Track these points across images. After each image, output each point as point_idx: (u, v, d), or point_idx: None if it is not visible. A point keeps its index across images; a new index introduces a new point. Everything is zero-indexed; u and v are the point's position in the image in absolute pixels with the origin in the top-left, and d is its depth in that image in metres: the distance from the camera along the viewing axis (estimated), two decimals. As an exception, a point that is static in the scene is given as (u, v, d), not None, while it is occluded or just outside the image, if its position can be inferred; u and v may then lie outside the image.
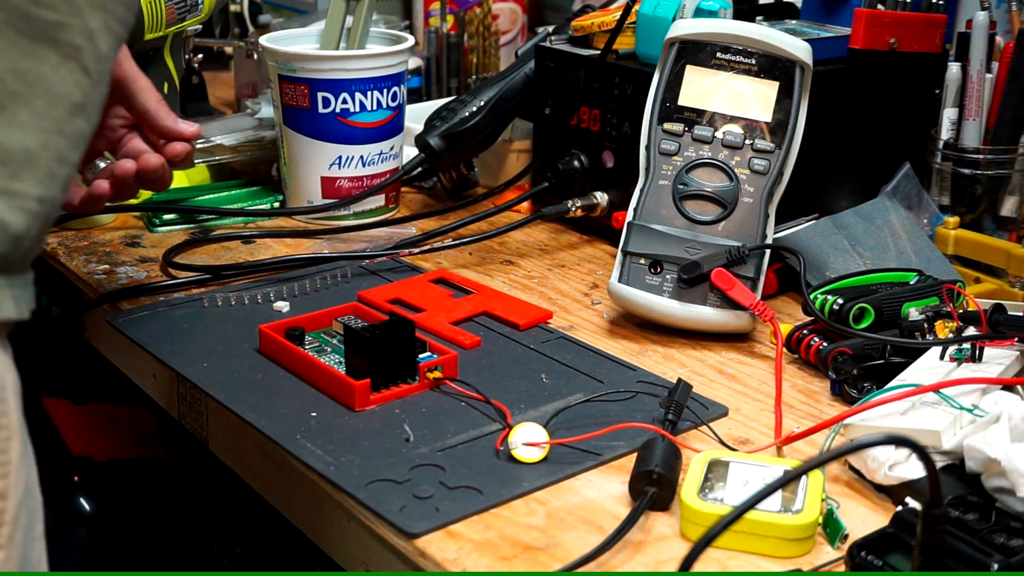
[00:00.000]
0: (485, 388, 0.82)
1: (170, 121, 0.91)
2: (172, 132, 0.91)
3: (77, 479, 1.26)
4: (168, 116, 0.91)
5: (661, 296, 0.93)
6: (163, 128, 0.91)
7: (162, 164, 0.90)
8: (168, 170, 0.91)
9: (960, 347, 0.80)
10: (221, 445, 0.87)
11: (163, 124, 0.91)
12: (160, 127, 0.91)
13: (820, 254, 0.99)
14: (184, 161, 0.92)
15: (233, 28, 1.67)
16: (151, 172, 0.90)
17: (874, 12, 1.09)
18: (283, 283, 1.01)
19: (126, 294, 0.99)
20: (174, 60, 1.21)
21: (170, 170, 0.91)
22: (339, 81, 1.13)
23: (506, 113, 1.21)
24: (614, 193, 1.12)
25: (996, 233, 1.07)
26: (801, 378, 0.88)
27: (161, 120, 0.91)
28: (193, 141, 0.92)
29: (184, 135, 0.91)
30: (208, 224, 1.16)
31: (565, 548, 0.67)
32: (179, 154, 0.91)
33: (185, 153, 0.92)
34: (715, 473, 0.71)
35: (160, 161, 0.90)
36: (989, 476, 0.68)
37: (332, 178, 1.17)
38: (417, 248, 1.09)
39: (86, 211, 0.93)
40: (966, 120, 1.07)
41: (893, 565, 0.62)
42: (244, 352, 0.89)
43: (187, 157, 0.92)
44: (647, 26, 1.06)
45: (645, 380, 0.86)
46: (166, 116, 0.91)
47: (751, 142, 0.96)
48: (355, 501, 0.71)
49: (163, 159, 0.91)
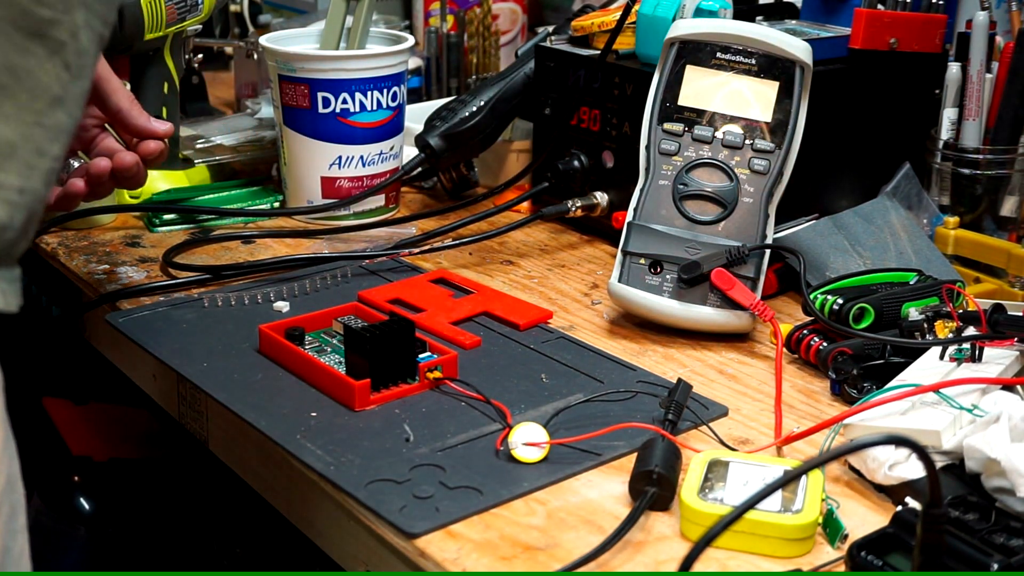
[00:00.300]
0: (485, 388, 0.82)
1: (143, 120, 0.92)
2: (145, 131, 0.93)
3: (77, 479, 1.26)
4: (141, 115, 0.92)
5: (661, 296, 0.93)
6: (136, 127, 0.92)
7: (137, 162, 0.92)
8: (143, 168, 0.93)
9: (960, 347, 0.80)
10: (221, 445, 0.87)
11: (136, 123, 0.92)
12: (133, 126, 0.92)
13: (820, 254, 0.99)
14: (158, 159, 0.94)
15: (233, 28, 1.67)
16: (126, 170, 0.91)
17: (874, 12, 1.09)
18: (283, 283, 1.01)
19: (126, 294, 0.99)
20: (174, 60, 1.21)
21: (144, 168, 0.93)
22: (339, 81, 1.13)
23: (506, 113, 1.21)
24: (614, 193, 1.12)
25: (996, 233, 1.07)
26: (801, 378, 0.88)
27: (134, 119, 0.92)
28: (166, 139, 0.93)
29: (157, 133, 0.93)
30: (208, 224, 1.16)
31: (565, 548, 0.67)
32: (152, 152, 0.93)
33: (158, 151, 0.93)
34: (715, 473, 0.71)
35: (135, 159, 0.91)
36: (989, 476, 0.68)
37: (332, 178, 1.17)
38: (417, 248, 1.09)
39: (61, 209, 0.94)
40: (966, 120, 1.07)
41: (893, 565, 0.62)
42: (244, 352, 0.89)
43: (160, 155, 0.93)
44: (647, 26, 1.06)
45: (645, 380, 0.86)
46: (139, 115, 0.92)
47: (751, 142, 0.96)
48: (355, 501, 0.71)
49: (137, 157, 0.92)
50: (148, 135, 0.93)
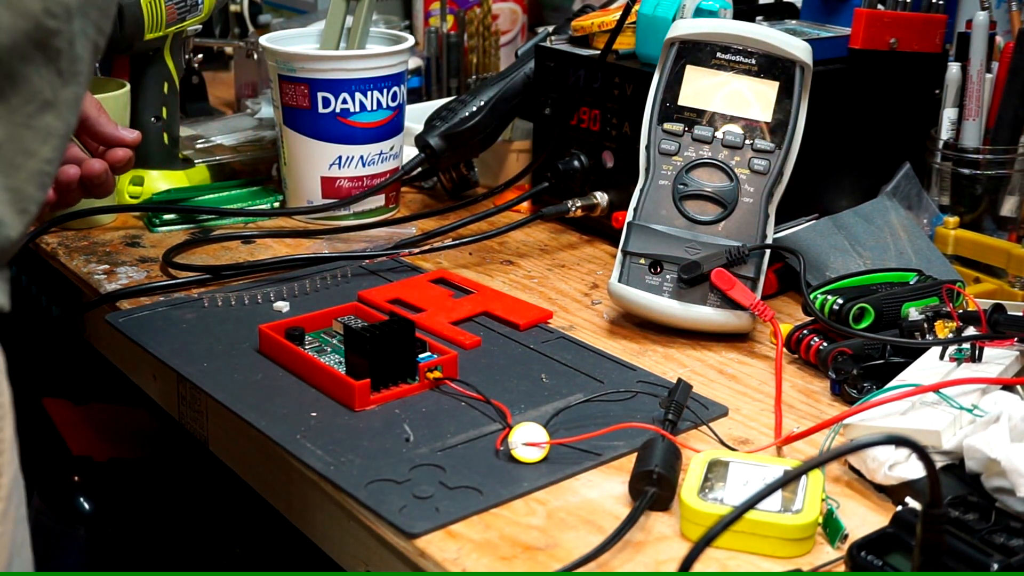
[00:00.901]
0: (485, 388, 0.82)
1: (111, 128, 0.93)
2: (113, 139, 0.93)
3: (77, 479, 1.26)
4: (109, 123, 0.93)
5: (661, 296, 0.93)
6: (104, 135, 0.93)
7: (105, 169, 0.92)
8: (111, 176, 0.93)
9: (960, 347, 0.80)
10: (221, 445, 0.87)
11: (105, 131, 0.93)
12: (102, 134, 0.93)
13: (820, 254, 0.99)
14: (125, 167, 0.94)
15: (233, 28, 1.67)
16: (95, 177, 0.91)
17: (874, 12, 1.09)
18: (283, 283, 1.01)
19: (126, 294, 0.99)
20: (174, 60, 1.21)
21: (113, 176, 0.93)
22: (339, 81, 1.13)
23: (506, 113, 1.21)
24: (614, 193, 1.12)
25: (996, 233, 1.07)
26: (801, 378, 0.88)
27: (103, 127, 0.92)
28: (134, 147, 0.93)
29: (125, 141, 0.93)
30: (208, 224, 1.16)
31: (565, 548, 0.67)
32: (120, 160, 0.93)
33: (126, 159, 0.94)
34: (715, 473, 0.71)
35: (103, 166, 0.92)
36: (989, 476, 0.68)
37: (332, 178, 1.17)
38: (417, 248, 1.09)
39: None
40: (966, 120, 1.07)
41: (893, 565, 0.62)
42: (244, 352, 0.89)
43: (128, 163, 0.94)
44: (647, 26, 1.06)
45: (645, 380, 0.86)
46: (107, 123, 0.93)
47: (751, 142, 0.96)
48: (355, 501, 0.71)
49: (106, 165, 0.92)
50: (116, 143, 0.93)
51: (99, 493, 1.25)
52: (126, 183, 1.19)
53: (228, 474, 0.88)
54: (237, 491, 1.02)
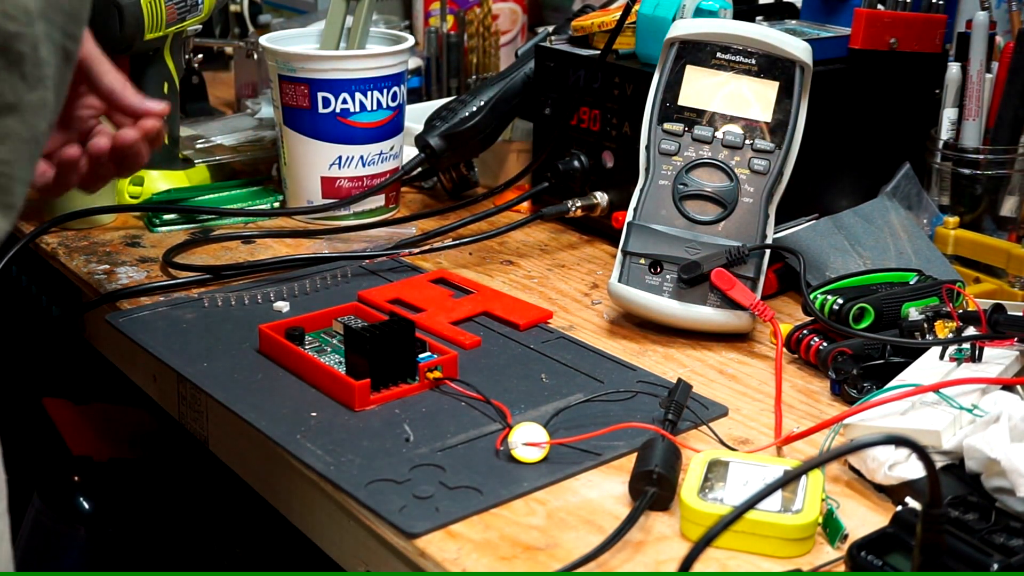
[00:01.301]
0: (485, 388, 0.82)
1: (137, 100, 0.90)
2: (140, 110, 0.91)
3: (77, 479, 1.26)
4: (135, 95, 0.91)
5: (661, 296, 0.93)
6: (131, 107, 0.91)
7: (137, 139, 0.89)
8: (144, 146, 0.90)
9: (960, 347, 0.80)
10: (221, 445, 0.87)
11: (130, 102, 0.90)
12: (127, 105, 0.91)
13: (820, 254, 0.99)
14: (157, 140, 0.91)
15: (233, 28, 1.67)
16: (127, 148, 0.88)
17: (874, 12, 1.09)
18: (283, 283, 1.01)
19: (126, 294, 0.99)
20: (174, 60, 1.21)
21: (146, 147, 0.91)
22: (339, 81, 1.13)
23: (506, 113, 1.21)
24: (614, 193, 1.12)
25: (996, 233, 1.07)
26: (801, 378, 0.88)
27: (128, 99, 0.90)
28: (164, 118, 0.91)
29: (153, 112, 0.91)
30: (208, 224, 1.16)
31: (565, 548, 0.67)
32: (152, 130, 0.90)
33: (156, 130, 0.91)
34: (715, 473, 0.71)
35: (135, 136, 0.89)
36: (989, 476, 0.68)
37: (332, 178, 1.17)
38: (417, 248, 1.09)
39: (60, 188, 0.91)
40: (966, 120, 1.07)
41: (893, 565, 0.62)
42: (244, 352, 0.89)
43: (159, 136, 0.92)
44: (647, 26, 1.06)
45: (645, 380, 0.86)
46: (132, 95, 0.90)
47: (751, 142, 0.96)
48: (355, 501, 0.71)
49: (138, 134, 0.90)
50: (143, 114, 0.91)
51: (99, 493, 1.25)
52: (126, 183, 1.19)
53: (228, 474, 0.88)
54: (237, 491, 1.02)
